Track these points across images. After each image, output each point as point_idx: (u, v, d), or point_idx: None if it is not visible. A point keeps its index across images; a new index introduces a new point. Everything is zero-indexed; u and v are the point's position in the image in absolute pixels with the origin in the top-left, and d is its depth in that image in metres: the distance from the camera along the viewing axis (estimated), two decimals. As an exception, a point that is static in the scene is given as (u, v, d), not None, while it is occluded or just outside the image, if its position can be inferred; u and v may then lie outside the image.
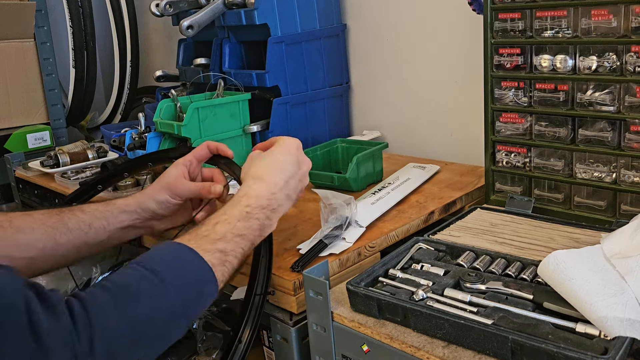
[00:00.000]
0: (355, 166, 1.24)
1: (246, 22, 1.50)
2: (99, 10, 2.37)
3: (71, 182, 1.48)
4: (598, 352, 0.62)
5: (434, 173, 1.34)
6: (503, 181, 1.15)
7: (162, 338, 0.70)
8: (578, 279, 0.69)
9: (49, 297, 0.59)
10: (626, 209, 0.99)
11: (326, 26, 1.65)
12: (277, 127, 1.53)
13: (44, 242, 0.88)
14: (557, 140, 1.04)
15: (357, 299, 0.79)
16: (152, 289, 0.68)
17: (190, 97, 1.56)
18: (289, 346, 0.90)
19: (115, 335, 0.63)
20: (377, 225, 1.07)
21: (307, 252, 0.94)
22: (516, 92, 1.08)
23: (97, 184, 1.21)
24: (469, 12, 1.25)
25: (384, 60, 1.67)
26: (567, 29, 0.99)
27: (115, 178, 1.24)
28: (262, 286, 0.87)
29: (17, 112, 2.04)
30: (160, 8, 1.61)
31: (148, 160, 1.21)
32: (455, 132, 1.55)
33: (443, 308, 0.74)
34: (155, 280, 0.69)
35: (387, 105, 1.70)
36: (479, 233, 1.00)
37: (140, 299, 0.67)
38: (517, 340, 0.65)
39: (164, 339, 0.70)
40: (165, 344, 0.71)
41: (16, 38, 2.02)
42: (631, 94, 0.94)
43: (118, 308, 0.64)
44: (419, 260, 0.89)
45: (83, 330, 0.59)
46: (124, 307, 0.65)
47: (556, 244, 0.93)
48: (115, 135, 1.79)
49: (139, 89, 2.47)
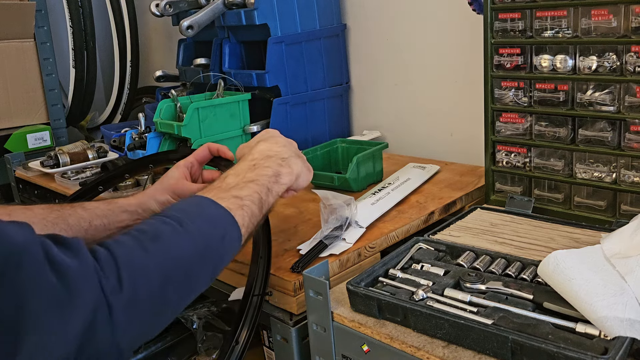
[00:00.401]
0: (355, 166, 1.24)
1: (246, 22, 1.50)
2: (99, 10, 2.37)
3: (71, 182, 1.48)
4: (598, 352, 0.62)
5: (434, 173, 1.34)
6: (503, 181, 1.15)
7: (190, 278, 0.68)
8: (578, 279, 0.69)
9: (68, 240, 0.58)
10: (626, 209, 0.99)
11: (326, 26, 1.65)
12: (277, 127, 1.51)
13: None
14: (557, 140, 1.04)
15: (357, 299, 0.79)
16: (173, 230, 0.68)
17: (190, 97, 1.56)
18: (289, 346, 0.90)
19: (141, 270, 0.61)
20: (377, 225, 1.07)
21: (307, 253, 0.94)
22: (516, 92, 1.08)
23: (98, 185, 1.22)
24: (469, 12, 1.25)
25: (384, 60, 1.67)
26: (567, 29, 0.99)
27: (116, 179, 1.25)
28: (260, 287, 0.87)
29: (17, 112, 2.04)
30: (160, 8, 1.61)
31: (149, 161, 1.21)
32: (455, 132, 1.55)
33: (443, 308, 0.74)
34: (175, 224, 0.68)
35: (387, 105, 1.70)
36: (479, 233, 1.00)
37: (162, 239, 0.66)
38: (517, 340, 0.65)
39: (192, 279, 0.69)
40: (194, 286, 0.69)
41: (16, 38, 2.01)
42: (631, 94, 0.94)
43: (142, 246, 0.63)
44: (419, 260, 0.89)
45: (107, 265, 0.58)
46: (147, 245, 0.64)
47: (556, 244, 0.93)
48: (115, 135, 1.80)
49: (139, 89, 2.47)
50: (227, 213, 0.75)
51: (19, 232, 0.54)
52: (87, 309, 0.55)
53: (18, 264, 0.52)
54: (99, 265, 0.57)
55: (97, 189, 1.21)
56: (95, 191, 1.21)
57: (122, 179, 1.25)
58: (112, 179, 1.23)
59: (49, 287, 0.53)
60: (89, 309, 0.55)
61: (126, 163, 1.38)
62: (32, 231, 0.56)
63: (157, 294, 0.63)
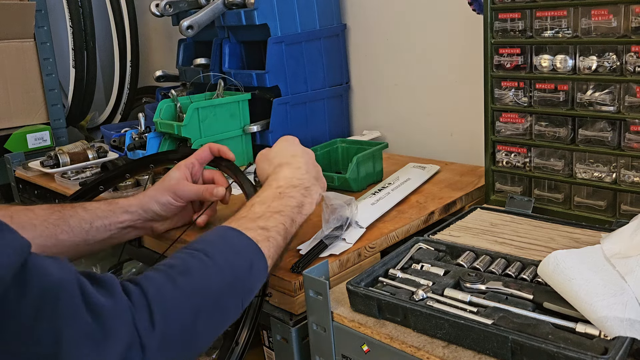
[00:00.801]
0: (355, 166, 1.24)
1: (246, 22, 1.50)
2: (99, 10, 2.37)
3: (71, 182, 1.48)
4: (598, 352, 0.62)
5: (434, 173, 1.34)
6: (503, 181, 1.15)
7: (220, 310, 0.69)
8: (578, 279, 0.69)
9: (103, 278, 0.58)
10: (626, 209, 0.99)
11: (326, 26, 1.65)
12: (277, 127, 1.53)
13: (45, 239, 0.88)
14: (557, 140, 1.04)
15: (357, 299, 0.79)
16: (201, 264, 0.68)
17: (190, 97, 1.56)
18: (289, 346, 0.90)
19: (173, 306, 0.62)
20: (377, 225, 1.07)
21: (308, 253, 0.94)
22: (516, 92, 1.08)
23: (99, 185, 1.22)
24: (469, 12, 1.25)
25: (384, 60, 1.67)
26: (567, 29, 0.99)
27: (117, 179, 1.25)
28: (260, 288, 0.87)
29: (17, 112, 2.04)
30: (160, 8, 1.61)
31: (149, 161, 1.21)
32: (455, 132, 1.55)
33: (443, 308, 0.74)
34: (203, 257, 0.69)
35: (387, 105, 1.70)
36: (479, 233, 1.00)
37: (191, 273, 0.67)
38: (517, 340, 0.65)
39: (222, 311, 0.69)
40: (225, 317, 0.70)
41: (16, 38, 2.01)
42: (631, 94, 0.94)
43: (171, 281, 0.64)
44: (419, 260, 0.89)
45: (140, 304, 0.59)
46: (177, 281, 0.64)
47: (556, 244, 0.93)
48: (115, 135, 1.80)
49: (139, 89, 2.47)
50: (254, 244, 0.76)
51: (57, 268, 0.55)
52: (121, 348, 0.56)
53: (55, 300, 0.53)
54: (132, 304, 0.58)
55: (98, 188, 1.21)
56: (96, 191, 1.21)
57: (122, 178, 1.25)
58: (112, 178, 1.23)
59: (84, 326, 0.54)
60: (123, 348, 0.56)
61: (127, 163, 1.38)
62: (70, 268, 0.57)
63: (189, 328, 0.64)
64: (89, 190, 1.21)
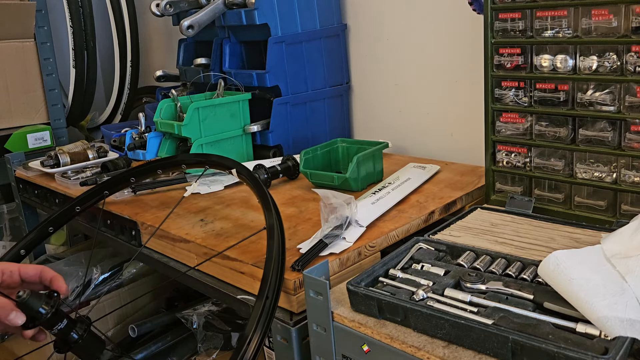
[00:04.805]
0: (355, 166, 1.24)
1: (246, 22, 1.50)
2: (99, 10, 2.37)
3: (71, 182, 1.48)
4: (598, 352, 0.62)
5: (434, 173, 1.34)
6: (503, 181, 1.15)
7: None
8: (578, 279, 0.69)
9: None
10: (626, 209, 0.99)
11: (326, 26, 1.65)
12: (277, 127, 1.53)
13: None
14: (558, 140, 1.04)
15: (358, 299, 0.79)
16: None
17: (190, 97, 1.56)
18: (289, 346, 0.90)
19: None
20: (378, 225, 1.07)
21: (308, 252, 0.94)
22: (516, 92, 1.08)
23: (104, 189, 1.21)
24: (469, 12, 1.25)
25: (384, 60, 1.67)
26: (568, 29, 0.99)
27: (122, 184, 1.24)
28: (274, 289, 0.85)
29: (17, 112, 2.04)
30: (160, 8, 1.61)
31: (157, 167, 1.20)
32: (455, 132, 1.55)
33: (443, 308, 0.74)
34: None
35: (387, 105, 1.70)
36: (479, 233, 1.00)
37: None
38: (517, 340, 0.65)
39: None
40: None
41: (16, 38, 2.01)
42: (631, 93, 0.94)
43: None
44: (419, 260, 0.89)
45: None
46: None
47: (556, 244, 0.93)
48: (115, 135, 1.80)
49: (139, 89, 2.47)
50: None
51: None
52: None
53: None
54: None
55: (103, 192, 1.21)
56: (102, 195, 1.21)
57: (128, 182, 1.24)
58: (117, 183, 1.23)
59: None
60: None
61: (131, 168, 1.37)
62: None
63: None
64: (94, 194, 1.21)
